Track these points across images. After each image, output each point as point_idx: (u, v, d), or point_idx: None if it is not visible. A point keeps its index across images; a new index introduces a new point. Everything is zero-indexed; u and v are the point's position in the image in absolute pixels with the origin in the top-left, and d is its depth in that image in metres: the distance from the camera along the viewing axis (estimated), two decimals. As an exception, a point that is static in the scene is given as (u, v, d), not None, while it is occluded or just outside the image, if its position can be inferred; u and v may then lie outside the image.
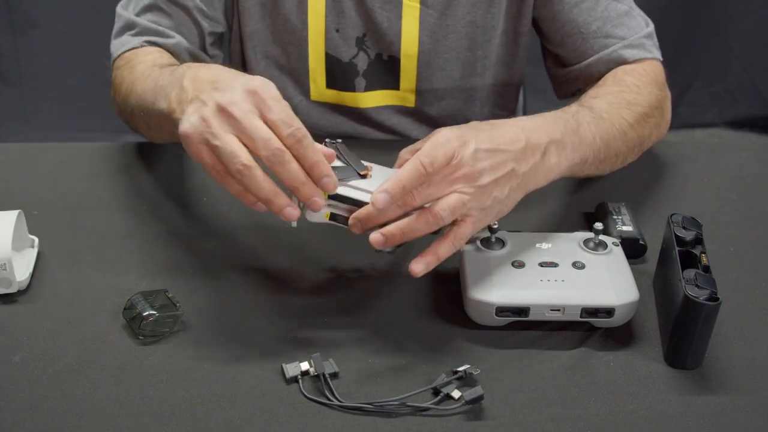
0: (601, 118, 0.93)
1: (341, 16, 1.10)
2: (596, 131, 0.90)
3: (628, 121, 0.96)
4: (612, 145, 0.93)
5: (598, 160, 0.92)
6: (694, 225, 0.83)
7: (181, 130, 0.73)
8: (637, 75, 1.04)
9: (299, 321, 0.81)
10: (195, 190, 1.02)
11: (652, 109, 1.02)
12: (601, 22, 1.06)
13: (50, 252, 0.90)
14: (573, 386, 0.74)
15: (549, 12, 1.09)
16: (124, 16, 1.08)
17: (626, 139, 0.96)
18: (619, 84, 1.02)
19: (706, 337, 0.75)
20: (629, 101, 0.99)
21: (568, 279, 0.79)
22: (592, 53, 1.07)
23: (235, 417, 0.71)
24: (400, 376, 0.75)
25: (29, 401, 0.72)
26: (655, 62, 1.08)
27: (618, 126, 0.95)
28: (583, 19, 1.07)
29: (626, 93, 1.00)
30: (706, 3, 2.51)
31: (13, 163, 1.09)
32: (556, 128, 0.84)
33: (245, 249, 0.92)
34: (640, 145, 1.02)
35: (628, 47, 1.06)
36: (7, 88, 2.44)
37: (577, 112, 0.91)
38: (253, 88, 0.72)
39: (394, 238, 0.74)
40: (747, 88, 2.65)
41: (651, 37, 1.08)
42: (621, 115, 0.96)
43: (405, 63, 1.12)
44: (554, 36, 1.10)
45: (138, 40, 1.06)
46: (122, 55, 1.06)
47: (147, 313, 0.78)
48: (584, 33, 1.07)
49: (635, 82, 1.02)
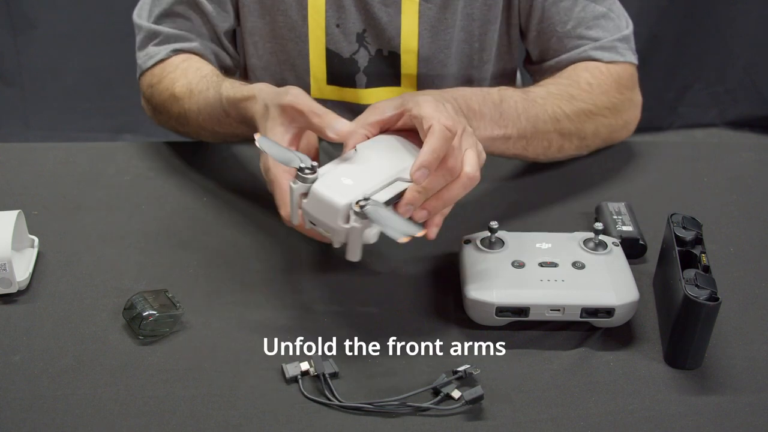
0: (533, 102, 0.97)
1: (341, 11, 1.10)
2: (522, 111, 0.95)
3: (565, 111, 0.99)
4: (541, 128, 0.97)
5: (524, 139, 0.96)
6: (694, 225, 0.83)
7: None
8: (596, 74, 1.05)
9: (299, 321, 0.81)
10: (195, 190, 1.02)
11: (600, 108, 1.03)
12: (576, 22, 1.07)
13: (50, 252, 0.90)
14: (573, 386, 0.74)
15: (529, 7, 1.10)
16: (144, 26, 1.10)
17: (560, 127, 0.99)
18: (569, 78, 1.04)
19: (706, 337, 0.75)
20: (571, 95, 1.01)
21: (568, 279, 0.79)
22: (564, 52, 1.08)
23: (235, 417, 0.71)
24: (400, 376, 0.75)
25: (29, 401, 0.72)
26: (625, 65, 1.08)
27: (551, 112, 0.98)
28: (560, 17, 1.08)
29: (572, 88, 1.02)
30: (706, 3, 2.51)
31: (13, 163, 1.09)
32: (474, 98, 0.90)
33: (245, 249, 0.92)
34: (582, 139, 1.04)
35: (599, 49, 1.06)
36: (7, 88, 2.43)
37: (505, 90, 0.95)
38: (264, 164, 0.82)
39: (436, 208, 0.77)
40: (747, 88, 2.65)
41: (626, 41, 1.09)
42: (557, 104, 0.99)
43: (405, 58, 1.13)
44: (531, 31, 1.12)
45: (164, 50, 1.07)
46: (151, 69, 1.08)
47: (147, 313, 0.78)
48: (559, 32, 1.08)
49: (589, 80, 1.04)
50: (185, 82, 1.02)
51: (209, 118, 0.98)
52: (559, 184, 1.05)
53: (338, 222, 0.72)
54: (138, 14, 1.12)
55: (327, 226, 0.73)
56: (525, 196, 1.03)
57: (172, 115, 1.05)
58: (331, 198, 0.72)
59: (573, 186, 1.04)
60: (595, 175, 1.07)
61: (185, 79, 1.03)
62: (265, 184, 0.84)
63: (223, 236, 0.94)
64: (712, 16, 2.52)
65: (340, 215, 0.72)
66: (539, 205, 1.01)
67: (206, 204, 1.00)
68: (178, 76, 1.04)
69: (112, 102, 2.43)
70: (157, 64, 1.08)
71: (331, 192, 0.72)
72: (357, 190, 0.73)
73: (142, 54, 1.10)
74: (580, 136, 1.03)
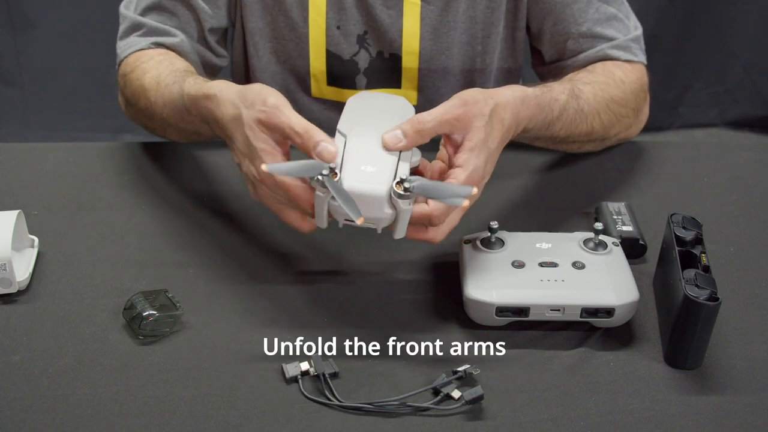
0: (581, 112, 0.98)
1: (342, 12, 1.10)
2: (567, 123, 0.96)
3: (602, 121, 1.02)
4: (574, 137, 1.01)
5: (551, 140, 1.00)
6: (694, 225, 0.83)
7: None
8: (625, 71, 1.07)
9: (299, 321, 0.81)
10: (195, 190, 1.02)
11: (629, 109, 1.06)
12: (591, 24, 1.08)
13: (50, 252, 0.90)
14: (573, 386, 0.74)
15: (542, 10, 1.10)
16: (129, 16, 1.09)
17: (591, 133, 1.02)
18: (607, 75, 1.05)
19: (706, 337, 0.75)
20: (612, 97, 1.03)
21: (568, 279, 0.79)
22: (580, 52, 1.09)
23: (235, 417, 0.71)
24: (400, 376, 0.75)
25: (29, 401, 0.72)
26: (640, 66, 1.10)
27: (590, 123, 1.00)
28: (575, 19, 1.09)
29: (611, 88, 1.03)
30: (706, 3, 2.51)
31: (13, 163, 1.09)
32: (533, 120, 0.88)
33: (245, 249, 0.92)
34: (603, 140, 1.07)
35: (615, 48, 1.08)
36: (7, 88, 2.43)
37: (566, 104, 0.95)
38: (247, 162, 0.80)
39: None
40: (747, 88, 2.65)
41: (638, 41, 1.10)
42: (598, 112, 1.01)
43: (407, 61, 1.12)
44: (545, 34, 1.12)
45: (145, 41, 1.07)
46: (128, 58, 1.07)
47: (147, 313, 0.78)
48: (574, 33, 1.09)
49: (622, 78, 1.05)
50: (155, 74, 1.01)
51: (173, 113, 0.96)
52: (559, 184, 1.05)
53: (385, 210, 0.72)
54: (125, 5, 1.11)
55: (371, 218, 0.73)
56: (525, 196, 1.03)
57: (140, 107, 1.04)
58: (370, 191, 0.72)
59: (573, 186, 1.04)
60: (595, 175, 1.07)
61: (156, 71, 1.01)
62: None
63: (223, 236, 0.94)
64: (712, 16, 2.52)
65: (386, 204, 0.72)
66: (539, 205, 1.01)
67: (206, 204, 1.00)
68: (151, 67, 1.03)
69: (112, 102, 2.41)
70: (133, 53, 1.07)
71: (366, 185, 0.72)
72: (385, 173, 0.73)
73: (122, 43, 1.09)
74: (604, 139, 1.06)
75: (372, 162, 0.74)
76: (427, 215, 0.75)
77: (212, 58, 1.13)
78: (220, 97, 0.84)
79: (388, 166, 0.74)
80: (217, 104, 0.84)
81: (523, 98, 0.86)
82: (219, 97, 0.84)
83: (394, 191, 0.72)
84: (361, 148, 0.76)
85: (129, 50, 1.07)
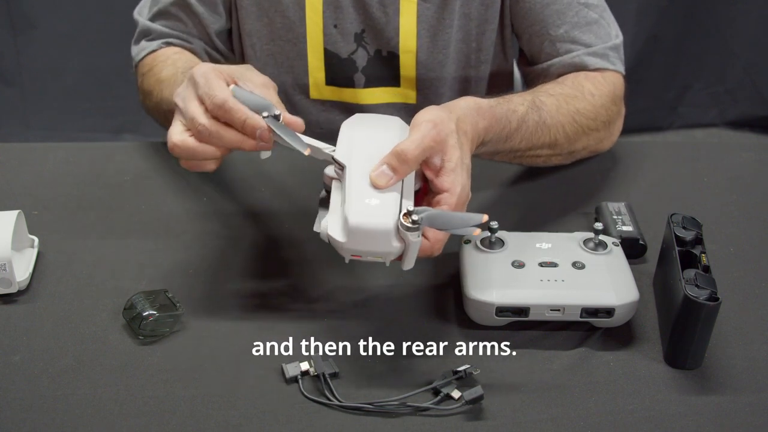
0: (542, 123, 0.95)
1: (339, 11, 1.10)
2: (528, 135, 0.93)
3: (567, 132, 0.99)
4: (536, 149, 0.97)
5: (514, 153, 0.96)
6: (694, 225, 0.83)
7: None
8: (596, 84, 1.04)
9: (299, 321, 0.81)
10: (195, 191, 1.02)
11: (598, 122, 1.03)
12: (569, 27, 1.07)
13: (50, 252, 0.90)
14: (573, 386, 0.74)
15: (521, 9, 1.10)
16: (140, 21, 1.13)
17: (555, 146, 0.99)
18: (575, 88, 1.02)
19: (706, 337, 0.75)
20: (578, 109, 1.00)
21: (568, 279, 0.79)
22: (556, 55, 1.08)
23: (235, 417, 0.71)
24: (400, 376, 0.75)
25: (29, 401, 0.72)
26: (616, 75, 1.07)
27: (552, 135, 0.97)
28: (553, 21, 1.07)
29: (578, 101, 1.00)
30: (706, 3, 2.51)
31: (13, 163, 1.09)
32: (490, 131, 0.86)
33: (245, 249, 0.92)
34: (571, 153, 1.04)
35: (592, 55, 1.06)
36: (7, 88, 2.43)
37: (525, 115, 0.92)
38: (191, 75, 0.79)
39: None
40: (747, 88, 2.65)
41: (617, 50, 1.08)
42: (562, 123, 0.98)
43: (404, 58, 1.13)
44: (523, 33, 1.11)
45: (156, 44, 1.10)
46: (143, 60, 1.10)
47: (147, 313, 0.78)
48: (552, 35, 1.07)
49: (592, 91, 1.02)
50: (173, 70, 1.02)
51: None
52: (559, 184, 1.05)
53: (393, 244, 0.70)
54: (138, 11, 1.15)
55: (379, 252, 0.71)
56: (525, 196, 1.03)
57: (154, 100, 1.05)
58: (377, 225, 0.69)
59: (573, 186, 1.04)
60: (595, 175, 1.07)
61: (174, 67, 1.03)
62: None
63: (223, 237, 0.94)
64: (712, 16, 2.52)
65: (394, 238, 0.70)
66: (539, 205, 1.01)
67: (206, 204, 1.00)
68: (168, 64, 1.05)
69: (112, 102, 2.43)
70: (149, 55, 1.09)
71: (373, 219, 0.70)
72: (390, 205, 0.71)
73: (136, 48, 1.13)
74: (571, 151, 1.03)
75: (375, 194, 0.72)
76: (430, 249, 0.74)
77: (220, 59, 1.15)
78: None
79: (393, 197, 0.72)
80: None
81: (477, 109, 0.84)
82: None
83: (402, 224, 0.70)
84: (363, 180, 0.73)
85: (142, 53, 1.10)
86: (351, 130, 0.79)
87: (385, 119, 0.84)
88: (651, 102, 2.57)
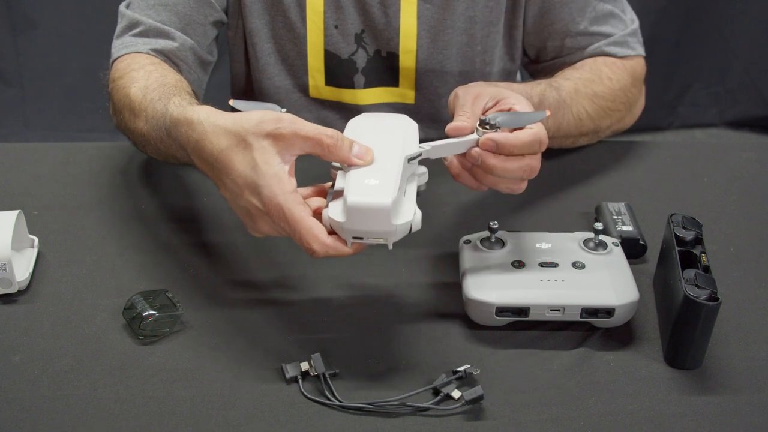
0: (563, 102, 1.01)
1: (340, 12, 1.10)
2: (552, 113, 0.98)
3: (588, 111, 1.05)
4: (563, 128, 1.03)
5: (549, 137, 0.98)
6: (694, 225, 0.83)
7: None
8: (614, 68, 1.09)
9: (299, 321, 0.81)
10: (195, 190, 1.02)
11: (618, 103, 1.08)
12: (588, 22, 1.10)
13: (50, 252, 0.90)
14: (573, 386, 0.74)
15: (540, 9, 1.11)
16: (127, 14, 1.05)
17: (580, 125, 1.05)
18: (593, 72, 1.07)
19: (706, 337, 0.75)
20: (596, 92, 1.05)
21: (568, 279, 0.79)
22: (579, 49, 1.11)
23: (235, 417, 0.71)
24: (400, 376, 0.75)
25: (29, 401, 0.72)
26: (637, 59, 1.13)
27: (575, 113, 1.03)
28: (573, 18, 1.10)
29: (596, 84, 1.06)
30: (706, 3, 2.51)
31: (13, 163, 1.09)
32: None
33: (245, 249, 0.92)
34: (596, 133, 1.10)
35: (613, 44, 1.10)
36: (7, 88, 2.43)
37: (544, 90, 0.98)
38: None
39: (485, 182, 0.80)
40: (747, 88, 2.65)
41: (635, 34, 1.13)
42: (582, 104, 1.04)
43: (404, 59, 1.13)
44: (541, 32, 1.13)
45: (141, 42, 1.03)
46: (119, 61, 1.02)
47: (147, 313, 0.78)
48: (572, 31, 1.11)
49: (609, 75, 1.08)
50: (143, 85, 0.93)
51: (153, 131, 0.87)
52: (559, 184, 1.05)
53: (392, 222, 0.69)
54: (125, 4, 1.08)
55: (379, 232, 0.70)
56: (525, 196, 1.02)
57: (124, 117, 0.96)
58: (374, 203, 0.69)
59: (573, 186, 1.04)
60: (595, 175, 1.07)
61: (145, 81, 0.94)
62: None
63: (223, 236, 0.94)
64: (712, 16, 2.52)
65: (391, 215, 0.69)
66: (539, 205, 1.01)
67: (206, 204, 1.00)
68: (140, 77, 0.96)
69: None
70: (127, 55, 1.01)
71: (370, 198, 0.69)
72: (389, 185, 0.70)
73: (117, 43, 1.04)
74: (596, 131, 1.08)
75: (375, 175, 0.72)
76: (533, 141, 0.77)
77: (207, 56, 1.10)
78: (206, 126, 0.74)
79: (393, 179, 0.71)
80: (203, 135, 0.74)
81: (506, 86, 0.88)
82: (204, 125, 0.74)
83: (480, 131, 0.77)
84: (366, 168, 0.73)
85: (123, 50, 1.02)
86: (356, 123, 0.79)
87: (391, 116, 0.83)
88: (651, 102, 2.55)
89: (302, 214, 0.70)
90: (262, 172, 0.70)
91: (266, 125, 0.71)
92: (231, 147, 0.72)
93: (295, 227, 0.70)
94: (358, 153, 0.72)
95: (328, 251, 0.71)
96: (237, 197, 0.73)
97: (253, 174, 0.71)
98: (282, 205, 0.70)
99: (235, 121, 0.72)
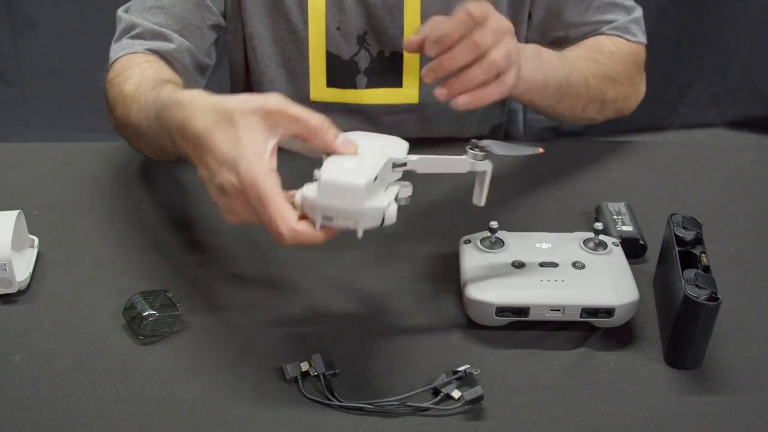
0: (566, 58, 1.03)
1: (342, 13, 1.10)
2: (558, 64, 1.00)
3: (592, 72, 1.06)
4: (573, 84, 1.03)
5: (560, 91, 1.01)
6: (694, 225, 0.83)
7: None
8: (617, 44, 1.11)
9: (299, 321, 0.81)
10: (195, 190, 1.02)
11: (620, 76, 1.10)
12: (591, 13, 1.13)
13: (50, 252, 0.90)
14: (573, 386, 0.74)
15: (545, 5, 1.13)
16: (124, 18, 1.06)
17: (588, 86, 1.05)
18: (594, 45, 1.10)
19: (706, 337, 0.75)
20: (596, 59, 1.07)
21: (568, 279, 0.79)
22: (583, 38, 1.13)
23: (235, 417, 0.71)
24: (400, 376, 0.75)
25: (29, 401, 0.72)
26: (639, 46, 1.14)
27: (580, 71, 1.04)
28: (578, 9, 1.13)
29: (597, 53, 1.08)
30: (706, 3, 2.51)
31: (13, 163, 1.09)
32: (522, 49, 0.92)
33: (245, 249, 0.92)
34: (602, 102, 1.09)
35: (615, 29, 1.13)
36: (7, 88, 2.43)
37: (541, 47, 0.99)
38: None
39: (455, 87, 0.82)
40: (747, 88, 2.65)
41: (638, 22, 1.15)
42: (585, 65, 1.05)
43: (408, 58, 1.13)
44: (545, 26, 1.15)
45: (138, 44, 1.03)
46: (116, 62, 1.02)
47: (147, 313, 0.78)
48: (576, 23, 1.13)
49: (611, 49, 1.10)
50: (137, 81, 0.94)
51: (144, 120, 0.87)
52: (559, 184, 1.05)
53: (365, 204, 0.68)
54: (123, 8, 1.08)
55: (350, 211, 0.68)
56: (525, 196, 1.03)
57: (117, 114, 0.96)
58: (349, 181, 0.67)
59: (573, 186, 1.05)
60: (595, 175, 1.07)
61: (139, 77, 0.94)
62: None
63: (223, 236, 0.94)
64: (712, 15, 2.52)
65: (365, 196, 0.68)
66: (539, 205, 1.01)
67: (206, 204, 0.99)
68: (134, 74, 0.96)
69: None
70: (124, 56, 1.02)
71: (345, 176, 0.68)
72: (365, 169, 0.69)
73: (115, 46, 1.05)
74: (602, 100, 1.09)
75: (354, 162, 0.70)
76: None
77: (205, 61, 1.10)
78: (194, 105, 0.72)
79: (370, 165, 0.70)
80: (190, 113, 0.72)
81: None
82: (193, 105, 0.72)
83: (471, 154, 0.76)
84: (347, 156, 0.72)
85: (120, 53, 1.03)
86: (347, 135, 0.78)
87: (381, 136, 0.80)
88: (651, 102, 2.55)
89: (275, 194, 0.68)
90: (243, 147, 0.68)
91: (254, 101, 0.70)
92: (216, 124, 0.70)
93: (266, 206, 0.68)
94: (343, 143, 0.71)
95: (297, 236, 0.69)
96: (214, 175, 0.71)
97: (234, 149, 0.69)
98: (258, 181, 0.68)
99: (223, 100, 0.71)
